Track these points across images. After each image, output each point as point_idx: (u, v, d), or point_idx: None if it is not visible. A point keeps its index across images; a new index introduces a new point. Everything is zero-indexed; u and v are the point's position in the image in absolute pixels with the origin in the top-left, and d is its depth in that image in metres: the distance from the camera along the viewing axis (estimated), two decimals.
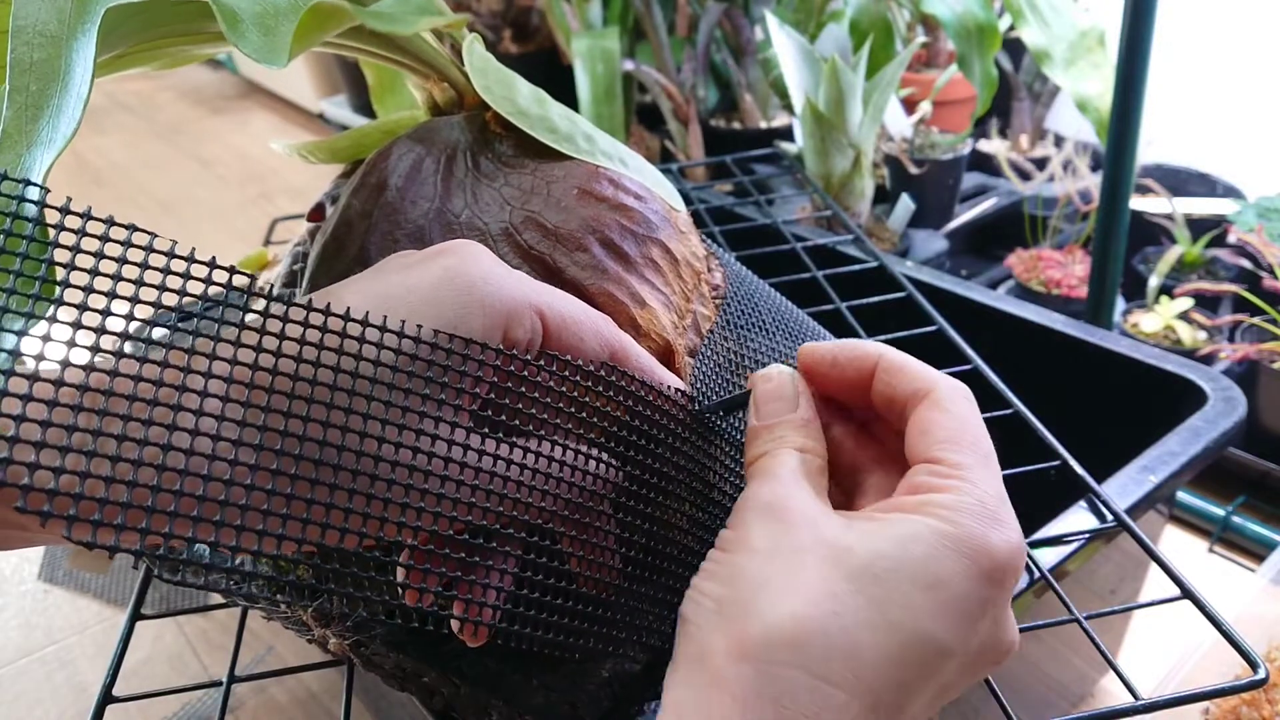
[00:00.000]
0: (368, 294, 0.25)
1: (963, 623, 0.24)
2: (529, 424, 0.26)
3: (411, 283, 0.26)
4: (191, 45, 0.35)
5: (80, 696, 0.66)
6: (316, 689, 0.66)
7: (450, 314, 0.25)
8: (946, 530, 0.24)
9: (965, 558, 0.24)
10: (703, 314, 0.36)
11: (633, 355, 0.29)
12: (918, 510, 0.25)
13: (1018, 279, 0.94)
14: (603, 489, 0.28)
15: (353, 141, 0.42)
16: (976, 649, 0.24)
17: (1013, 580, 0.25)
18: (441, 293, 0.25)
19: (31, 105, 0.23)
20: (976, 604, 0.24)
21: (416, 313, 0.25)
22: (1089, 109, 0.79)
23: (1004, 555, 0.24)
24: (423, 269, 0.26)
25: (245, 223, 1.50)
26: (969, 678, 0.25)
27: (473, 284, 0.26)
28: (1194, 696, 0.31)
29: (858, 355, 0.29)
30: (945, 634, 0.23)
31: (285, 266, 0.39)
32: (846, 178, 0.89)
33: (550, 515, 0.27)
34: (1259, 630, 0.56)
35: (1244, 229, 0.76)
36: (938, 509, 0.25)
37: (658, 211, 0.36)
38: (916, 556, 0.24)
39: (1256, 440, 0.74)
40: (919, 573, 0.24)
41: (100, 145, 1.91)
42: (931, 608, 0.23)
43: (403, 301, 0.25)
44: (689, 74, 1.17)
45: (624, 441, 0.28)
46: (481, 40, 0.38)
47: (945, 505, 0.25)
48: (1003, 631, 0.25)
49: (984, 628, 0.24)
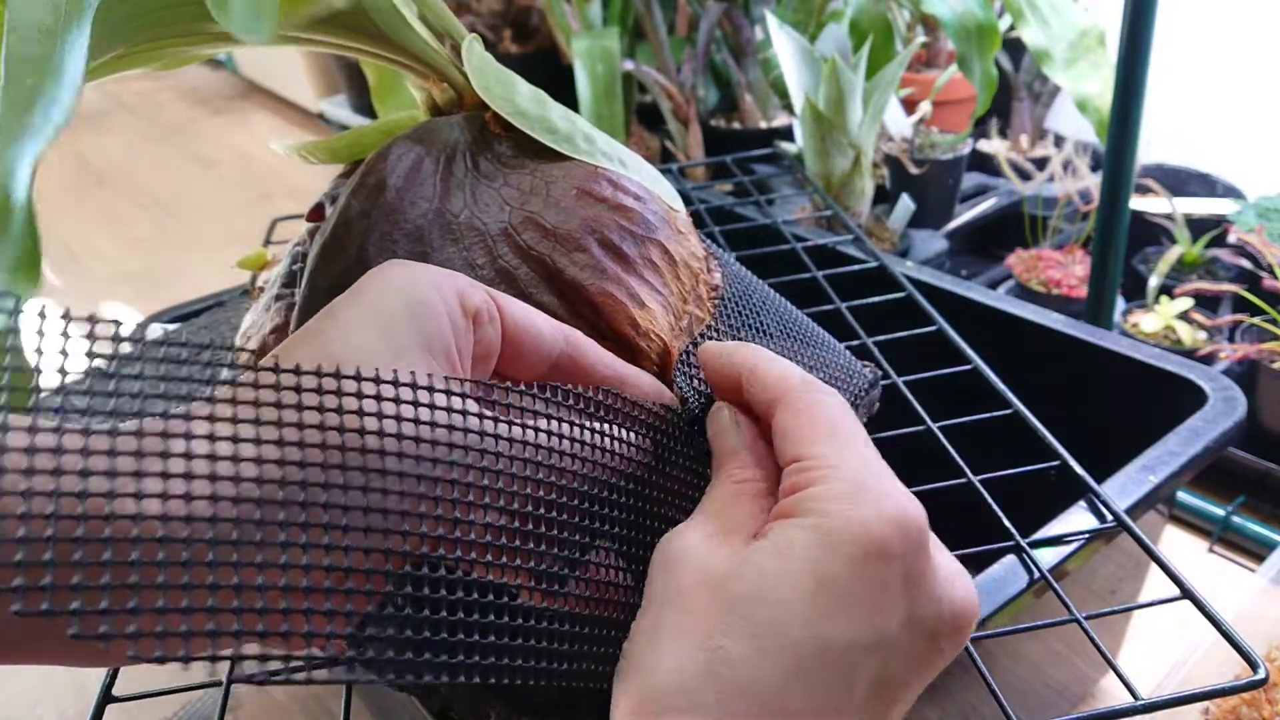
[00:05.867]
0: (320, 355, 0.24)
1: (863, 613, 0.23)
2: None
3: (356, 320, 0.25)
4: (191, 45, 0.35)
5: (80, 696, 0.66)
6: (316, 689, 0.66)
7: (404, 309, 0.25)
8: (820, 524, 0.23)
9: (845, 546, 0.23)
10: (697, 316, 0.36)
11: (590, 346, 0.29)
12: (794, 512, 0.24)
13: (1018, 279, 0.94)
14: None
15: (352, 142, 0.42)
16: (899, 629, 0.23)
17: (909, 549, 0.23)
18: (389, 303, 0.25)
19: (25, 98, 0.23)
20: (873, 587, 0.23)
21: (365, 319, 0.24)
22: (1089, 109, 0.79)
23: (883, 529, 0.23)
24: (354, 301, 0.25)
25: (245, 223, 1.50)
26: (916, 662, 0.24)
27: (412, 275, 0.26)
28: (1194, 696, 0.31)
29: (729, 362, 0.29)
30: (846, 632, 0.22)
31: (284, 266, 0.39)
32: (846, 178, 0.89)
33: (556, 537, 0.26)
34: (1259, 630, 0.56)
35: (1244, 229, 0.76)
36: (810, 504, 0.24)
37: (657, 212, 0.36)
38: (796, 565, 0.23)
39: (1256, 440, 0.74)
40: (802, 581, 0.23)
41: (101, 145, 1.92)
42: (822, 610, 0.22)
43: (359, 336, 0.24)
44: (689, 74, 1.17)
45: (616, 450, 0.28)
46: (481, 40, 0.38)
47: (816, 499, 0.24)
48: (933, 601, 0.24)
49: (898, 606, 0.23)
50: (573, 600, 0.26)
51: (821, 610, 0.22)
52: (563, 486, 0.26)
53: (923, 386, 0.47)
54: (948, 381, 0.47)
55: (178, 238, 1.49)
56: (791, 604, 0.22)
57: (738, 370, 0.29)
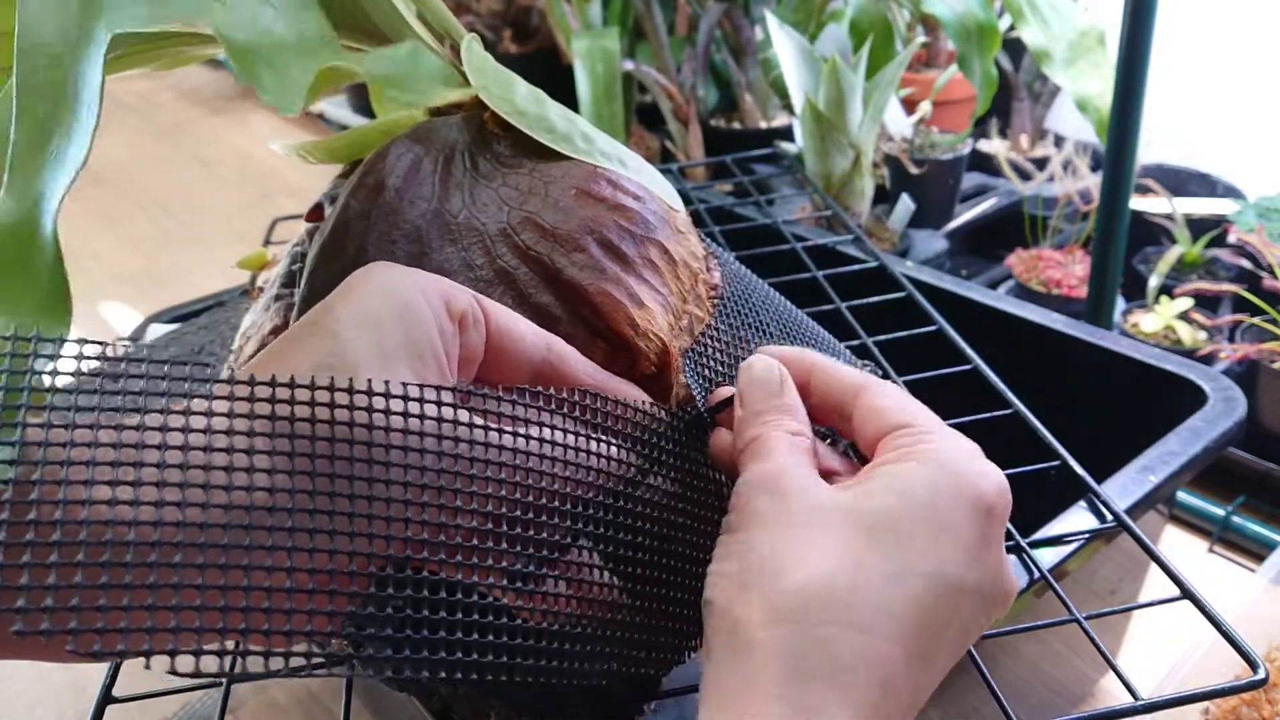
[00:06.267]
0: (315, 356, 0.25)
1: (974, 559, 0.25)
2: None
3: (345, 321, 0.25)
4: (191, 45, 0.35)
5: (80, 696, 0.66)
6: (316, 689, 0.66)
7: (392, 314, 0.25)
8: (940, 474, 0.25)
9: (962, 497, 0.25)
10: (697, 315, 0.36)
11: (572, 355, 0.30)
12: (904, 459, 0.26)
13: (1018, 279, 0.94)
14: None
15: (352, 141, 0.42)
16: (990, 584, 0.25)
17: (1004, 515, 0.26)
18: (377, 308, 0.25)
19: (41, 129, 0.23)
20: (981, 540, 0.25)
21: (355, 324, 0.25)
22: (1089, 109, 0.79)
23: (994, 491, 0.25)
24: (346, 301, 0.26)
25: (245, 223, 1.50)
26: (984, 617, 0.26)
27: (398, 279, 0.26)
28: (1194, 696, 0.31)
29: (792, 360, 0.31)
30: (962, 571, 0.24)
31: (284, 266, 0.39)
32: (846, 178, 0.89)
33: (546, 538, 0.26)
34: (1259, 630, 0.56)
35: (1244, 229, 0.76)
36: (925, 456, 0.26)
37: (656, 212, 0.36)
38: (921, 503, 0.25)
39: (1256, 440, 0.74)
40: (927, 517, 0.24)
41: (100, 145, 1.89)
42: (945, 549, 0.24)
43: (352, 341, 0.25)
44: (689, 74, 1.17)
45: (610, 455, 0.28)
46: (480, 40, 0.38)
47: (930, 453, 0.26)
48: (1004, 570, 0.26)
49: (992, 561, 0.25)
50: (550, 599, 0.26)
51: (944, 549, 0.24)
52: (542, 489, 0.26)
53: (923, 386, 0.47)
54: (948, 381, 0.47)
55: (178, 238, 1.49)
56: (922, 539, 0.24)
57: (801, 369, 0.30)
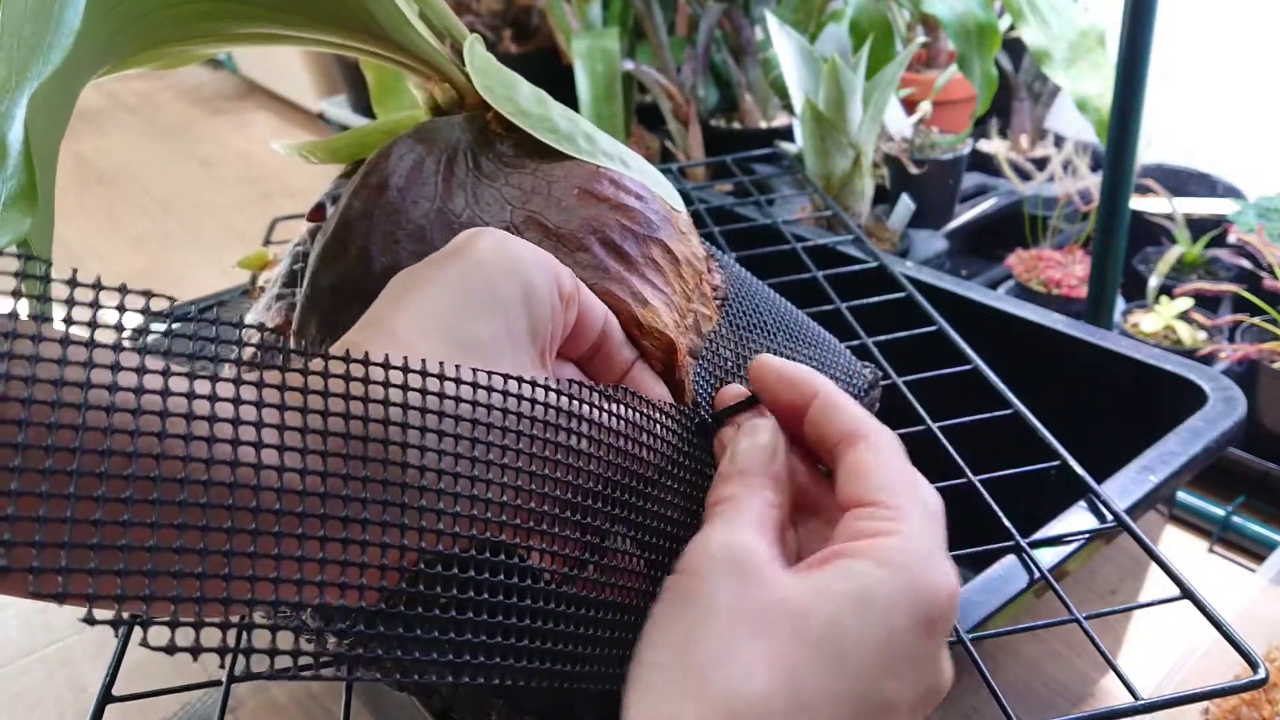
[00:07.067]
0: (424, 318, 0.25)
1: (910, 674, 0.24)
2: None
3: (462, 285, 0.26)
4: (191, 45, 0.35)
5: (80, 696, 0.66)
6: (316, 689, 0.66)
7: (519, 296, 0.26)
8: (896, 582, 0.24)
9: (917, 609, 0.24)
10: (703, 314, 0.36)
11: (617, 329, 0.31)
12: (865, 555, 0.25)
13: (1018, 279, 0.94)
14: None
15: (353, 141, 0.42)
16: (922, 694, 0.25)
17: (954, 618, 0.26)
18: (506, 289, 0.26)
19: (24, 50, 0.23)
20: (923, 654, 0.24)
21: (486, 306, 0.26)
22: (1089, 109, 0.79)
23: (947, 597, 0.25)
24: (460, 264, 0.26)
25: (245, 223, 1.50)
26: (919, 714, 0.25)
27: (523, 255, 0.27)
28: (1194, 696, 0.31)
29: (799, 381, 0.30)
30: (897, 688, 0.24)
31: (285, 266, 0.39)
32: (846, 178, 0.89)
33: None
34: (1259, 630, 0.56)
35: (1244, 229, 0.76)
36: (885, 554, 0.25)
37: (658, 211, 0.36)
38: (872, 616, 0.24)
39: (1256, 440, 0.74)
40: (873, 632, 0.24)
41: (101, 145, 1.92)
42: (884, 665, 0.24)
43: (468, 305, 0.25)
44: (689, 74, 1.17)
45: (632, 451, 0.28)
46: (482, 40, 0.38)
47: (892, 550, 0.25)
48: (942, 674, 0.26)
49: (928, 672, 0.25)
50: (589, 585, 0.27)
51: (883, 665, 0.24)
52: (600, 476, 0.27)
53: (923, 386, 0.47)
54: (948, 381, 0.47)
55: (178, 238, 1.49)
56: (863, 655, 0.24)
57: (804, 392, 0.30)
